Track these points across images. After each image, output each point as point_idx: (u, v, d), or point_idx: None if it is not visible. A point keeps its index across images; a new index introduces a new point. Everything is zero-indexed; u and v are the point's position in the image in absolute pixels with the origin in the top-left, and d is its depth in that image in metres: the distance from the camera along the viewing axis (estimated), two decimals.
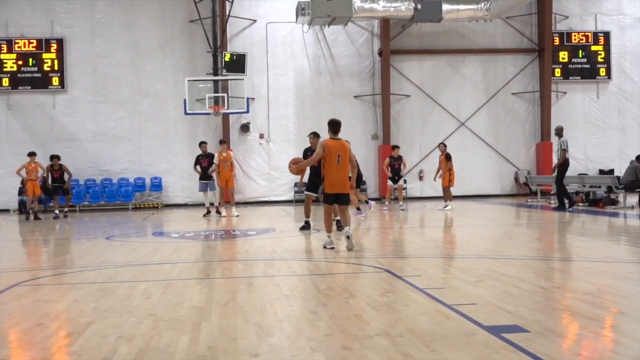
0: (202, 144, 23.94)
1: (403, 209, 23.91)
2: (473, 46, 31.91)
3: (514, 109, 32.15)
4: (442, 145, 24.77)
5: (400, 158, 24.43)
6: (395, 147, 25.01)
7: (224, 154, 22.67)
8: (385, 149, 30.52)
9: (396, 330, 6.02)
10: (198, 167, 23.11)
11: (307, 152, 16.82)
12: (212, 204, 23.17)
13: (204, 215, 22.71)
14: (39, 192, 24.85)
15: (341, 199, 12.52)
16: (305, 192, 16.73)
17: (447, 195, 24.24)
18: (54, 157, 24.96)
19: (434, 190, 30.69)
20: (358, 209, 20.79)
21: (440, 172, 24.29)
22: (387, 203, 24.83)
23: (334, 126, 12.53)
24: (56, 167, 24.73)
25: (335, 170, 12.29)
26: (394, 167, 24.35)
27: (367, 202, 21.67)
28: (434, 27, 31.07)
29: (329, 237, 12.51)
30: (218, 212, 22.78)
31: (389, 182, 24.63)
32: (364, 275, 9.60)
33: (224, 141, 23.92)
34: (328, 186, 12.46)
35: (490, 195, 31.47)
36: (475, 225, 18.01)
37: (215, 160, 22.60)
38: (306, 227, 16.50)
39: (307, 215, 16.70)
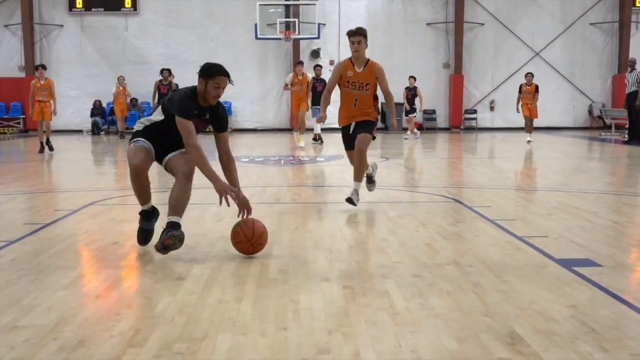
0: (316, 67, 22.67)
1: (407, 139, 23.94)
2: None
3: (591, 39, 31.23)
4: (530, 75, 23.20)
5: (415, 89, 24.16)
6: (411, 77, 24.83)
7: (300, 77, 20.84)
8: (457, 78, 30.14)
9: (466, 260, 6.00)
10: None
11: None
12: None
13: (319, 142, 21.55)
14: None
15: None
16: None
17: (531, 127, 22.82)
18: (164, 70, 23.01)
19: (504, 122, 30.31)
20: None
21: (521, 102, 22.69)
22: (408, 133, 24.67)
23: None
24: (165, 82, 22.84)
25: None
26: (407, 97, 24.41)
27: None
28: None
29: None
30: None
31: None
32: (434, 204, 9.56)
33: (301, 62, 22.12)
34: None
35: (562, 127, 30.86)
36: (547, 158, 17.75)
37: (288, 81, 20.97)
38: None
39: None
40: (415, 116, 24.87)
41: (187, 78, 29.52)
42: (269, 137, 24.48)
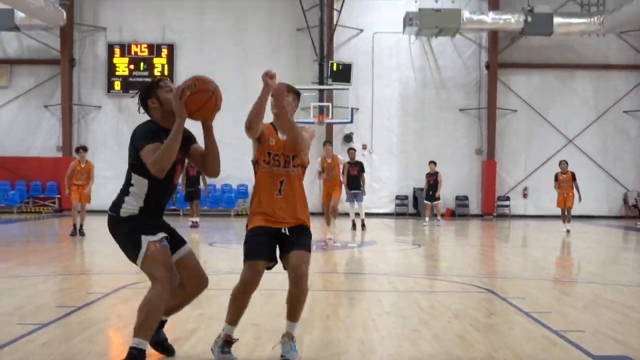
0: (350, 150, 22.32)
1: (439, 225, 23.54)
2: (584, 61, 31.04)
3: (625, 127, 31.16)
4: (564, 163, 22.54)
5: (436, 174, 24.09)
6: (431, 162, 24.62)
7: (329, 160, 18.09)
8: (490, 164, 30.10)
9: (501, 354, 5.90)
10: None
11: None
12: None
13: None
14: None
15: None
16: None
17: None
18: None
19: (538, 209, 30.11)
20: None
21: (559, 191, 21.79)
22: (427, 219, 24.43)
23: None
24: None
25: None
26: (429, 183, 24.18)
27: None
28: (543, 40, 30.33)
29: None
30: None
31: (425, 200, 24.46)
32: (466, 294, 9.45)
33: (329, 142, 19.70)
34: None
35: (596, 216, 30.55)
36: (581, 248, 17.55)
37: (318, 167, 17.95)
38: None
39: None
40: (439, 202, 24.62)
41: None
42: None
